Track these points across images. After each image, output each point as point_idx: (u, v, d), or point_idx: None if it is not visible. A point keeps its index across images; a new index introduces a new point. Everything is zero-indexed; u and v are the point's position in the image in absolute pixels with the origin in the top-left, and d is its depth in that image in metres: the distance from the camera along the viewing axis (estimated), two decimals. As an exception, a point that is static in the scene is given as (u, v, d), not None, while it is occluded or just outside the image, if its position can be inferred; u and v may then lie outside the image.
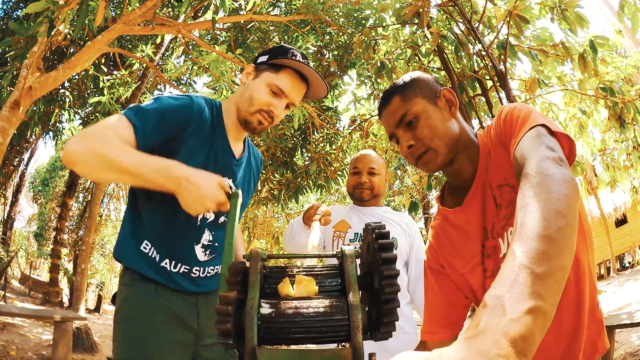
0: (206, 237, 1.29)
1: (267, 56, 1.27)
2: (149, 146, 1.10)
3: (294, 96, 1.28)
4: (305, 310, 0.59)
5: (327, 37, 5.43)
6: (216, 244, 1.31)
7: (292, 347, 0.64)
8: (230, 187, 1.03)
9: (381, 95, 1.09)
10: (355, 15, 5.14)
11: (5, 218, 14.44)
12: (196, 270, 1.27)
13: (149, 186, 1.00)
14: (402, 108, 1.02)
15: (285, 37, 5.72)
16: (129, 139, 1.06)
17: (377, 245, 0.60)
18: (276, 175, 6.11)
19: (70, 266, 13.45)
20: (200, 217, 1.26)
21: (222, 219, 1.31)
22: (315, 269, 0.68)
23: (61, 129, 8.78)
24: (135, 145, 1.07)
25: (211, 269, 1.32)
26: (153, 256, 1.22)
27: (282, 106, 1.27)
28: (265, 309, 0.60)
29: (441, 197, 1.17)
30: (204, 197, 0.96)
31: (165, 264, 1.22)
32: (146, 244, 1.22)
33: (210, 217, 1.28)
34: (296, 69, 1.26)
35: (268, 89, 1.24)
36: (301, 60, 1.24)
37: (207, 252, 1.29)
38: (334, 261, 0.71)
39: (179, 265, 1.24)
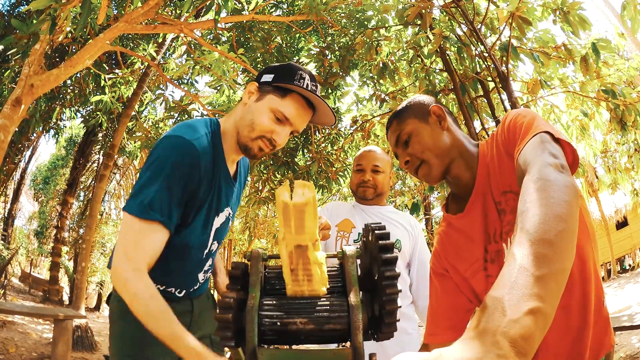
0: (209, 263, 1.34)
1: (272, 75, 1.17)
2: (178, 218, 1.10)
3: (299, 123, 1.18)
4: (305, 310, 0.59)
5: (330, 38, 5.42)
6: (212, 265, 1.37)
7: (293, 347, 0.64)
8: None
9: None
10: (357, 16, 5.14)
11: (6, 216, 14.48)
12: (195, 288, 1.34)
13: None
14: (398, 130, 1.14)
15: (288, 38, 5.72)
16: (164, 239, 1.07)
17: (378, 246, 0.60)
18: (277, 175, 6.10)
19: (70, 264, 13.45)
20: (206, 251, 1.28)
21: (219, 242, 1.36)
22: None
23: (62, 127, 8.80)
24: (169, 234, 1.08)
25: (205, 279, 1.38)
26: (157, 287, 1.24)
27: (285, 133, 1.17)
28: (266, 309, 0.60)
29: (446, 205, 1.22)
30: None
31: (171, 290, 1.27)
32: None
33: (215, 246, 1.31)
34: (303, 95, 1.16)
35: (272, 114, 1.14)
36: (309, 83, 1.15)
37: (206, 273, 1.36)
38: (335, 261, 0.71)
39: (184, 290, 1.30)
